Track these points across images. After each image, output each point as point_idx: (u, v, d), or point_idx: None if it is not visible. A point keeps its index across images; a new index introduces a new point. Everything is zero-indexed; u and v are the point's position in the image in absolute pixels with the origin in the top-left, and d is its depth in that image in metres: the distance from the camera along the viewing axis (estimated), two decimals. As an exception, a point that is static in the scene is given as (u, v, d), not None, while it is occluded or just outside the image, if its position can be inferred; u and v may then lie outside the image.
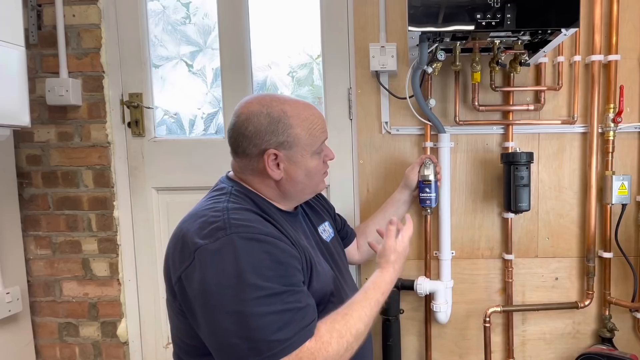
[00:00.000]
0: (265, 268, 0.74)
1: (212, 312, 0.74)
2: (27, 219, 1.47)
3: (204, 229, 0.77)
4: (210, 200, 0.86)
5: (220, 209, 0.80)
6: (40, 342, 1.51)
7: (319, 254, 0.95)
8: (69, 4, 1.39)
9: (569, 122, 1.34)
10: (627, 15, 1.31)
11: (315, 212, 1.07)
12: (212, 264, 0.74)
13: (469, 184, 1.39)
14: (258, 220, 0.80)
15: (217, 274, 0.73)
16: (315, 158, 0.89)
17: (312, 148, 0.88)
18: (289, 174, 0.87)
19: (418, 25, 1.05)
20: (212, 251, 0.74)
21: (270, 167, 0.85)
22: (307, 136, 0.86)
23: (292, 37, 1.50)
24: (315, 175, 0.90)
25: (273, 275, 0.74)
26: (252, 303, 0.71)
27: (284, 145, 0.85)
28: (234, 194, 0.87)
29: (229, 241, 0.74)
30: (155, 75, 1.48)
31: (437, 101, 1.35)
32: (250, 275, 0.72)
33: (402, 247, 0.94)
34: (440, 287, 1.32)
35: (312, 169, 0.89)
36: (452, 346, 1.44)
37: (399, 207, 1.26)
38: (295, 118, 0.86)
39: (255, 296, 0.72)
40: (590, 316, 1.40)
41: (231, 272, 0.72)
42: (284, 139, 0.85)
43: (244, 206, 0.83)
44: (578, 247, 1.39)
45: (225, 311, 0.72)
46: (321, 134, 0.89)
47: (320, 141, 0.89)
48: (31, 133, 1.43)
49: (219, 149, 1.44)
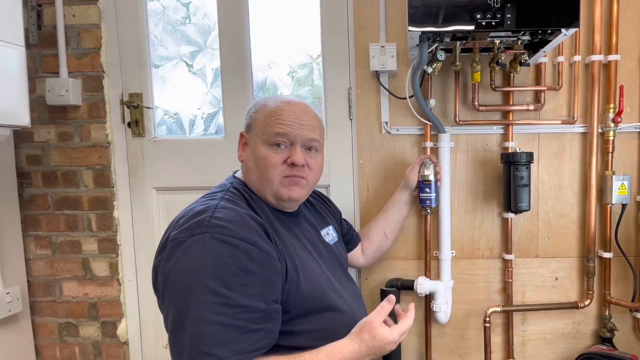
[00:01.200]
0: (228, 274, 0.72)
1: (166, 303, 0.75)
2: (27, 219, 1.47)
3: (185, 223, 0.77)
4: (208, 195, 0.87)
5: (210, 206, 0.80)
6: (40, 342, 1.51)
7: (314, 256, 0.93)
8: (69, 4, 1.39)
9: (569, 122, 1.34)
10: (627, 15, 1.31)
11: (319, 215, 1.07)
12: (178, 258, 0.74)
13: (469, 184, 1.39)
14: (241, 223, 0.77)
15: (179, 269, 0.74)
16: (265, 147, 0.86)
17: (263, 135, 0.86)
18: (247, 158, 0.90)
19: (418, 25, 1.05)
20: (182, 246, 0.74)
21: (239, 148, 0.92)
22: (262, 122, 0.87)
23: (292, 37, 1.50)
24: (265, 168, 0.85)
25: (235, 283, 0.72)
26: (201, 306, 0.70)
27: (248, 128, 0.91)
28: (230, 191, 0.87)
29: (201, 239, 0.73)
30: (155, 75, 1.48)
31: (437, 101, 1.35)
32: (210, 277, 0.71)
33: (384, 339, 0.78)
34: (440, 287, 1.32)
35: (259, 157, 0.86)
36: (452, 346, 1.44)
37: (400, 208, 1.26)
38: (266, 106, 0.89)
39: (207, 300, 0.70)
40: (590, 316, 1.40)
41: (193, 269, 0.72)
42: (248, 122, 0.91)
43: (236, 204, 0.83)
44: (578, 247, 1.39)
45: (176, 306, 0.73)
46: (277, 124, 0.85)
47: (273, 130, 0.85)
48: (31, 133, 1.43)
49: (219, 149, 1.44)
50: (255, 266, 0.75)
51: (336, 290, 0.92)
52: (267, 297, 0.76)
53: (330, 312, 0.88)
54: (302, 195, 0.91)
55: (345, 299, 0.93)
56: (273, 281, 0.78)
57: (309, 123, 0.88)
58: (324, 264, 0.95)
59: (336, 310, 0.88)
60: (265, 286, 0.76)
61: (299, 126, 0.86)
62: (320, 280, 0.89)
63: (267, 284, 0.76)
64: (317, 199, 1.13)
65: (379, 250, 1.27)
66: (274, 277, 0.78)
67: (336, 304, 0.89)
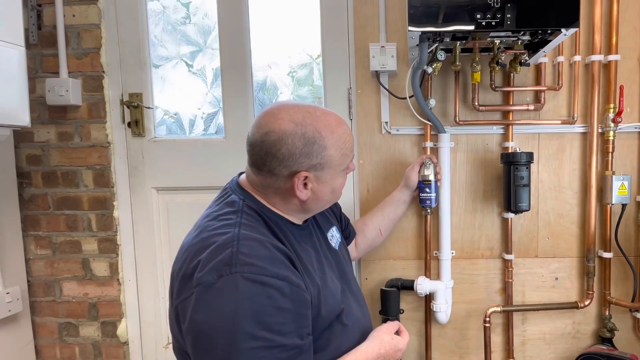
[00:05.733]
0: (264, 315, 0.70)
1: (201, 353, 0.72)
2: (27, 219, 1.47)
3: (210, 262, 0.72)
4: (220, 219, 0.81)
5: (230, 237, 0.75)
6: (40, 342, 1.51)
7: (326, 270, 0.91)
8: (69, 4, 1.39)
9: (569, 122, 1.34)
10: (627, 15, 1.31)
11: (324, 216, 1.05)
12: (210, 304, 0.70)
13: (469, 184, 1.39)
14: (269, 257, 0.74)
15: (213, 315, 0.70)
16: (342, 175, 0.87)
17: (341, 167, 0.85)
18: (316, 194, 0.84)
19: (418, 25, 1.05)
20: (212, 290, 0.70)
21: (298, 189, 0.81)
22: (339, 156, 0.83)
23: (292, 37, 1.50)
24: (339, 190, 0.88)
25: (271, 323, 0.70)
26: (242, 353, 0.68)
27: (316, 167, 0.81)
28: (245, 212, 0.81)
29: (232, 281, 0.69)
30: (155, 75, 1.48)
31: (437, 101, 1.35)
32: (247, 322, 0.68)
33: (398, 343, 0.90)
34: (440, 287, 1.32)
35: (338, 187, 0.87)
36: (452, 346, 1.44)
37: (398, 207, 1.26)
38: (329, 139, 0.81)
39: (247, 346, 0.68)
40: (590, 316, 1.40)
41: (228, 315, 0.69)
42: (317, 162, 0.80)
43: (255, 230, 0.79)
44: (578, 247, 1.39)
45: (214, 356, 0.70)
46: (351, 152, 0.86)
47: (349, 159, 0.87)
48: (31, 133, 1.43)
49: (219, 149, 1.44)
50: (288, 302, 0.72)
51: (348, 303, 0.91)
52: (301, 332, 0.74)
53: (342, 325, 0.87)
54: None
55: (354, 309, 0.92)
56: (305, 314, 0.76)
57: None
58: (334, 275, 0.93)
59: (348, 325, 0.88)
60: (298, 321, 0.74)
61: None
62: (337, 297, 0.88)
63: (300, 319, 0.75)
64: None
65: (371, 245, 1.27)
66: (305, 310, 0.77)
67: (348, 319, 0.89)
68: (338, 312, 0.86)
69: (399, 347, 0.88)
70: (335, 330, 0.84)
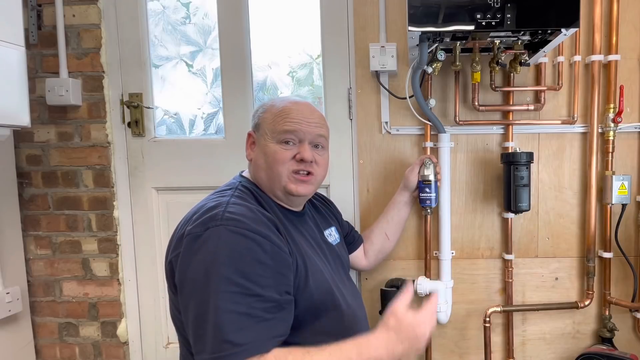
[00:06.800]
0: (243, 264, 0.74)
1: (185, 298, 0.76)
2: (27, 219, 1.46)
3: (199, 218, 0.79)
4: (217, 193, 0.89)
5: (222, 202, 0.82)
6: (40, 342, 1.51)
7: (320, 255, 0.95)
8: (69, 4, 1.39)
9: (569, 122, 1.34)
10: (627, 15, 1.31)
11: (322, 216, 1.09)
12: (196, 251, 0.75)
13: (469, 184, 1.39)
14: (253, 217, 0.80)
15: (196, 261, 0.75)
16: (274, 144, 0.89)
17: (272, 133, 0.89)
18: (256, 156, 0.92)
19: (418, 25, 1.05)
20: (198, 239, 0.76)
21: (247, 147, 0.95)
22: (271, 121, 0.90)
23: (292, 37, 1.50)
24: (274, 163, 0.88)
25: (250, 273, 0.74)
26: (219, 296, 0.71)
27: (256, 127, 0.93)
28: (239, 189, 0.89)
29: (216, 232, 0.75)
30: (155, 75, 1.48)
31: (437, 101, 1.35)
32: (225, 267, 0.73)
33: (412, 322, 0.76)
34: (440, 287, 1.32)
35: (269, 154, 0.89)
36: (452, 346, 1.44)
37: (400, 209, 1.26)
38: (274, 106, 0.92)
39: (224, 289, 0.72)
40: (590, 316, 1.40)
41: (210, 260, 0.74)
42: (256, 121, 0.93)
43: (246, 200, 0.85)
44: (578, 247, 1.39)
45: (197, 298, 0.74)
46: (286, 122, 0.89)
47: (282, 128, 0.89)
48: (31, 133, 1.43)
49: (219, 149, 1.44)
50: (268, 258, 0.77)
51: (339, 290, 0.93)
52: (279, 288, 0.78)
53: (334, 310, 0.89)
54: (310, 191, 0.94)
55: (347, 299, 0.94)
56: (285, 274, 0.79)
57: (315, 121, 0.92)
58: (327, 264, 0.96)
59: (339, 309, 0.90)
60: (277, 278, 0.78)
61: (307, 124, 0.90)
62: (326, 277, 0.90)
63: (279, 276, 0.78)
64: (319, 200, 1.15)
65: (381, 251, 1.27)
66: (286, 270, 0.80)
67: (340, 303, 0.90)
68: (328, 292, 0.88)
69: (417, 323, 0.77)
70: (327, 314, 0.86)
